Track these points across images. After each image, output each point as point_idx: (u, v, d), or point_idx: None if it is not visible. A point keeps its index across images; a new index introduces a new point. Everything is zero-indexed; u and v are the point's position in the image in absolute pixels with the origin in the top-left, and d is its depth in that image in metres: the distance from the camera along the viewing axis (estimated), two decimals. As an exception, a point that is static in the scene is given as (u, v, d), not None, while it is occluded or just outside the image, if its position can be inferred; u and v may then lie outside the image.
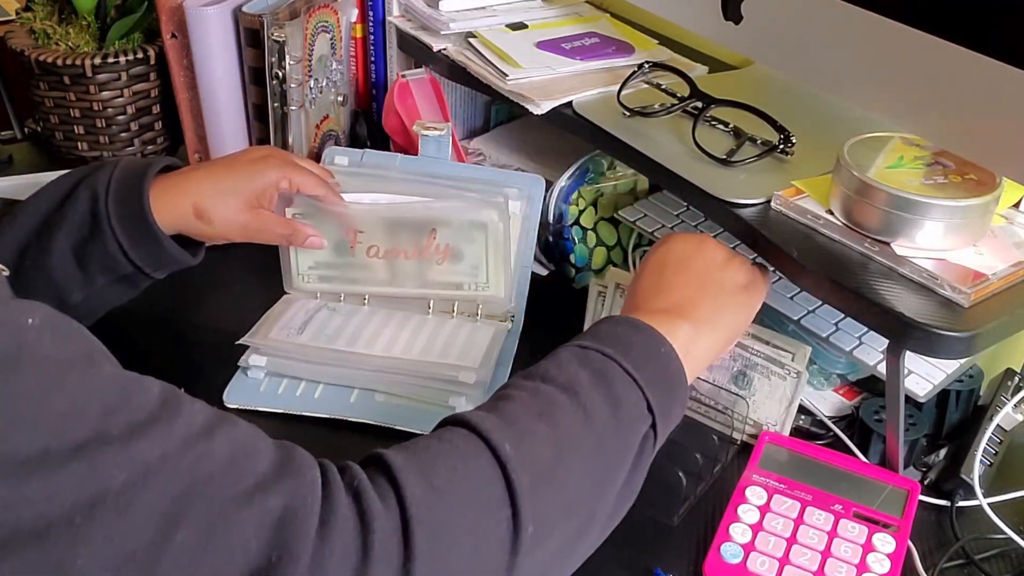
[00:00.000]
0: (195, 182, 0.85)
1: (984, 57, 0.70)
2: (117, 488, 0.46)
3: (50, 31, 1.15)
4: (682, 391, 0.69)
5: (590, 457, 0.62)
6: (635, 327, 0.70)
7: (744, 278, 0.78)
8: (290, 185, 0.89)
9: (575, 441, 0.61)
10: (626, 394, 0.65)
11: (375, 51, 1.23)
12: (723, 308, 0.76)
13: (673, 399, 0.68)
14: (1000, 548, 0.78)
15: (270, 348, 0.91)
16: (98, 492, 0.45)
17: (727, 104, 0.93)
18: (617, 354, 0.66)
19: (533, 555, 0.56)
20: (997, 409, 0.86)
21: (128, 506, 0.46)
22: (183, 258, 0.86)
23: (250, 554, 0.48)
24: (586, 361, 0.66)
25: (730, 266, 0.78)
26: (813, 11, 0.84)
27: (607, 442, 0.63)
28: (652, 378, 0.66)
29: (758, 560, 0.75)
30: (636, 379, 0.65)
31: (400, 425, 0.87)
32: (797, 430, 0.89)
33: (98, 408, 0.47)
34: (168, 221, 0.83)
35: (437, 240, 0.95)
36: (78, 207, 0.81)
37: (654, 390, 0.66)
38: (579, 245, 1.05)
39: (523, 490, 0.56)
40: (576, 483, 0.60)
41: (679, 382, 0.69)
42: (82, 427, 0.46)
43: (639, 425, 0.65)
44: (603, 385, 0.64)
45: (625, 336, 0.69)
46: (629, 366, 0.66)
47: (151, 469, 0.47)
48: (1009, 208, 0.84)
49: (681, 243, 0.79)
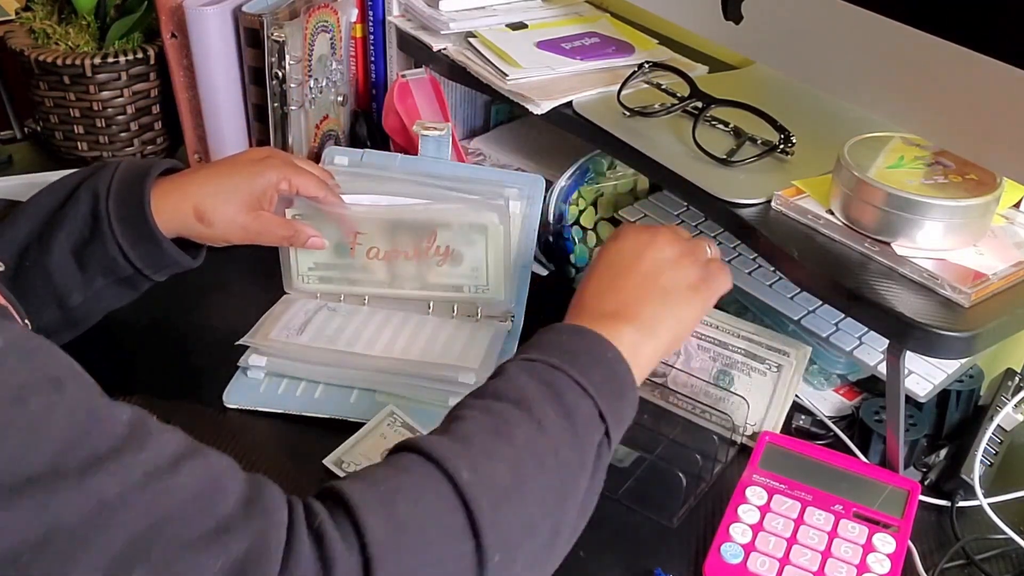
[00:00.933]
0: (195, 184, 0.85)
1: (984, 57, 0.70)
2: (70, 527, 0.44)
3: (50, 31, 1.15)
4: (632, 394, 0.69)
5: (549, 471, 0.61)
6: (579, 334, 0.69)
7: (695, 276, 0.76)
8: (290, 186, 0.89)
9: (532, 456, 0.60)
10: (577, 403, 0.64)
11: (375, 51, 1.23)
12: (667, 310, 0.74)
13: (623, 403, 0.67)
14: (1000, 548, 0.78)
15: (270, 348, 0.91)
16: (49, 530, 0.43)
17: (727, 104, 0.93)
18: (564, 363, 0.65)
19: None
20: (997, 409, 0.86)
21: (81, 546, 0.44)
22: (183, 260, 0.86)
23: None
24: (534, 373, 0.65)
25: (680, 264, 0.76)
26: (813, 11, 0.84)
27: (564, 453, 0.62)
28: (601, 384, 0.66)
29: (758, 560, 0.75)
30: (585, 387, 0.64)
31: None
32: (797, 430, 0.89)
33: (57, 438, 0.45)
34: (169, 223, 0.83)
35: (437, 242, 0.95)
36: (79, 208, 0.81)
37: (604, 396, 0.65)
38: (579, 245, 1.05)
39: (484, 518, 0.55)
40: (537, 499, 0.59)
41: (628, 386, 0.68)
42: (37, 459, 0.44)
43: (593, 433, 0.64)
44: (553, 396, 0.64)
45: (570, 344, 0.68)
46: (577, 374, 0.65)
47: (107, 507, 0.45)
48: (1009, 208, 0.84)
49: (632, 239, 0.78)
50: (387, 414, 0.86)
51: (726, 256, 0.96)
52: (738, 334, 0.86)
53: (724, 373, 0.87)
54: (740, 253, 0.97)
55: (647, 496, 0.81)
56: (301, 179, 0.89)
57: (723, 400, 0.88)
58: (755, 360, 0.85)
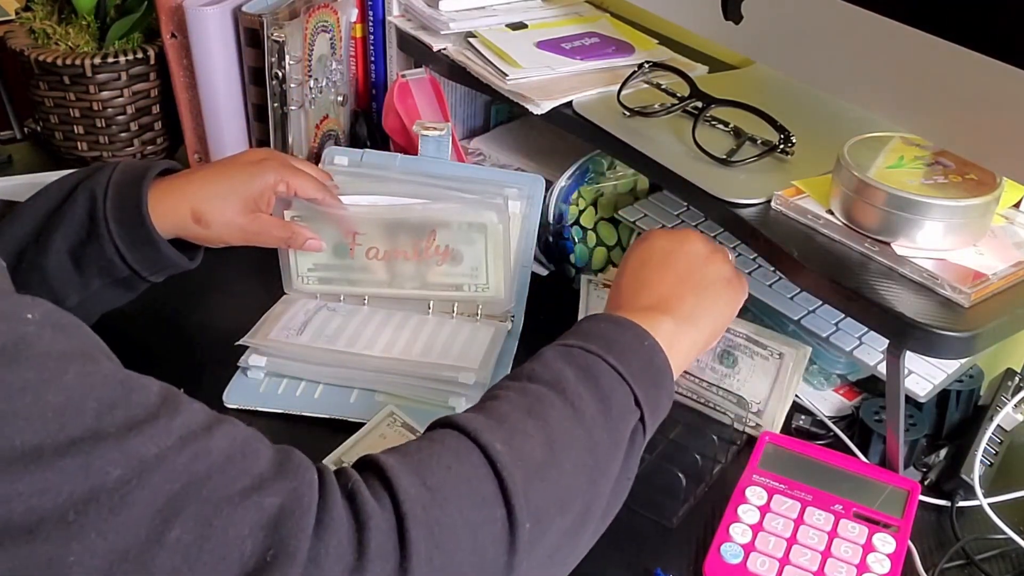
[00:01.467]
0: (193, 186, 0.85)
1: (984, 57, 0.70)
2: (112, 485, 0.46)
3: (50, 31, 1.15)
4: (668, 383, 0.69)
5: (581, 452, 0.62)
6: (617, 324, 0.70)
7: (728, 272, 0.79)
8: (288, 188, 0.89)
9: (565, 437, 0.61)
10: (613, 389, 0.65)
11: (375, 51, 1.23)
12: (706, 303, 0.76)
13: (660, 392, 0.68)
14: (1000, 548, 0.78)
15: (270, 348, 0.91)
16: (92, 489, 0.45)
17: (727, 104, 0.93)
18: (601, 350, 0.66)
19: (533, 552, 0.56)
20: (997, 409, 0.86)
21: (122, 503, 0.46)
22: (180, 262, 0.85)
23: (246, 553, 0.48)
24: (571, 359, 0.66)
25: (713, 260, 0.78)
26: (813, 11, 0.84)
27: (597, 436, 0.63)
28: (638, 372, 0.66)
29: (758, 560, 0.75)
30: (622, 373, 0.65)
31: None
32: (797, 430, 0.89)
33: (95, 404, 0.47)
34: (166, 225, 0.83)
35: (436, 241, 0.95)
36: (76, 209, 0.81)
37: (640, 384, 0.66)
38: (579, 245, 1.05)
39: (516, 488, 0.56)
40: (569, 478, 0.60)
41: (665, 375, 0.69)
42: (78, 423, 0.46)
43: (628, 418, 0.65)
44: (590, 381, 0.65)
45: (608, 332, 0.69)
46: (614, 361, 0.66)
47: (147, 467, 0.47)
48: (1009, 208, 0.84)
49: (663, 239, 0.79)
50: (387, 414, 0.86)
51: (726, 256, 0.97)
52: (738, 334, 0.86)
53: (728, 354, 0.87)
54: (740, 253, 0.97)
55: (647, 496, 0.81)
56: (299, 181, 0.89)
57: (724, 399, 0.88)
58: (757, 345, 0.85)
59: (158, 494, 0.47)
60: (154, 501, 0.46)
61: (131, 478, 0.46)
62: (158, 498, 0.46)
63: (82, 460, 0.45)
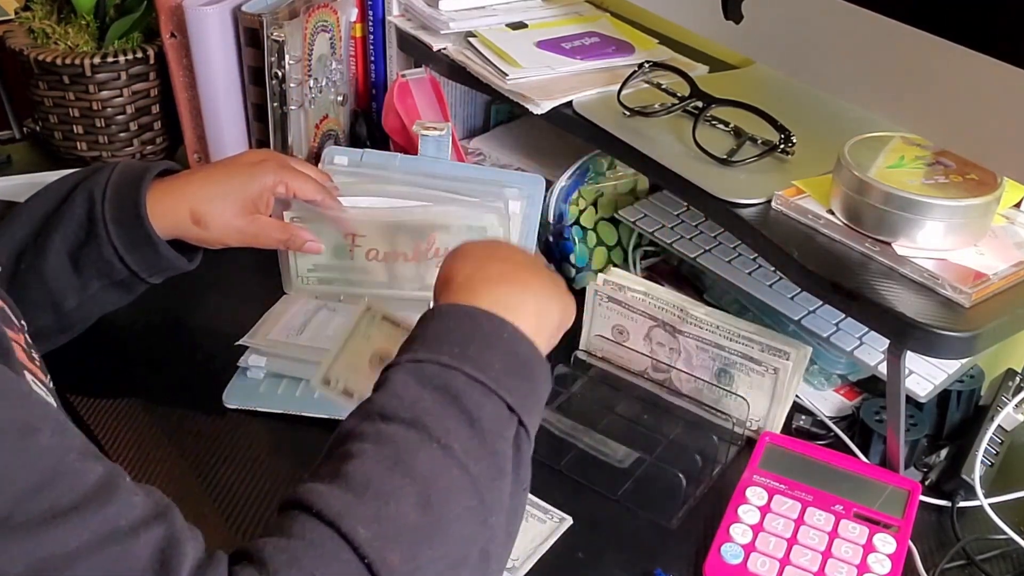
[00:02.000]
0: (192, 187, 0.85)
1: (984, 57, 0.70)
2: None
3: (49, 31, 1.15)
4: (541, 371, 0.63)
5: (463, 496, 0.55)
6: (468, 316, 0.62)
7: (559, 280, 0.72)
8: (287, 190, 0.88)
9: (441, 485, 0.54)
10: (480, 405, 0.58)
11: (375, 51, 1.22)
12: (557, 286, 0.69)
13: (535, 383, 0.62)
14: (1001, 548, 0.78)
15: (270, 348, 0.91)
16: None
17: (727, 104, 0.93)
18: (456, 360, 0.59)
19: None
20: (998, 409, 0.86)
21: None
22: (179, 263, 0.85)
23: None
24: (424, 380, 0.58)
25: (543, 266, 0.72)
26: (813, 11, 0.84)
27: (476, 470, 0.56)
28: (503, 374, 0.59)
29: (758, 561, 0.75)
30: (486, 383, 0.58)
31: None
32: (797, 430, 0.89)
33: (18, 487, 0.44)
34: (165, 226, 0.83)
35: (436, 244, 0.95)
36: (75, 211, 0.81)
37: (509, 387, 0.59)
38: (579, 245, 1.04)
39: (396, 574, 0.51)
40: (456, 531, 0.54)
41: (534, 364, 0.62)
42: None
43: (506, 431, 0.59)
44: (451, 403, 0.57)
45: (459, 331, 0.61)
46: (473, 371, 0.59)
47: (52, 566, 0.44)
48: (1010, 208, 0.84)
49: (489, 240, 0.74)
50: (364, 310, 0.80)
51: (726, 256, 0.96)
52: (738, 334, 0.86)
53: (724, 372, 0.87)
54: (740, 253, 0.97)
55: (647, 496, 0.81)
56: (298, 182, 0.89)
57: (724, 399, 0.88)
58: (753, 362, 0.85)
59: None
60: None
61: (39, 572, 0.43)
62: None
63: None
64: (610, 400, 0.91)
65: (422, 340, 0.62)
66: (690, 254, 0.97)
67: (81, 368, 0.90)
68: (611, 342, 0.93)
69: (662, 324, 0.89)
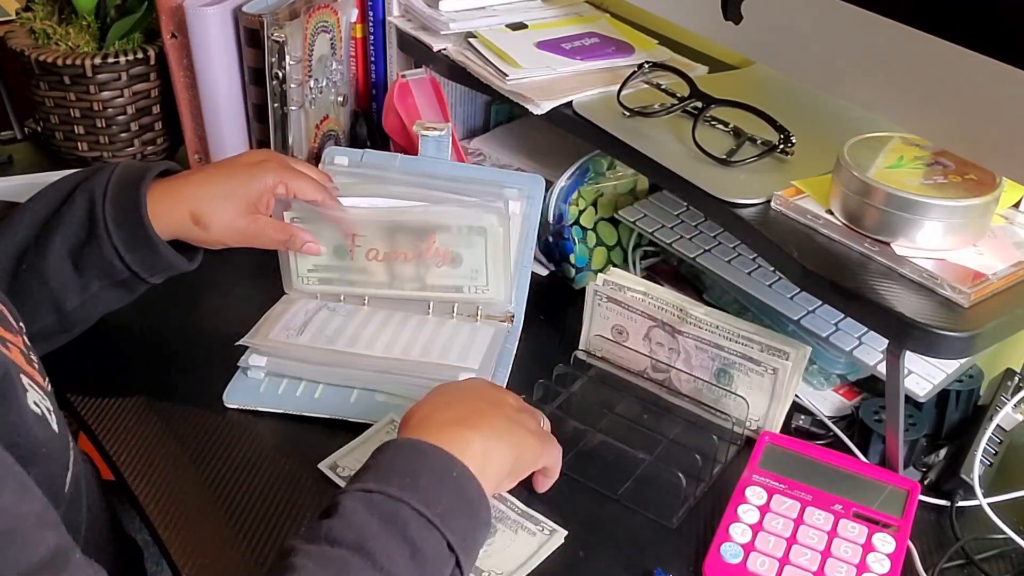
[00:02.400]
0: (192, 188, 0.85)
1: (984, 57, 0.70)
2: None
3: (50, 31, 1.15)
4: (484, 512, 0.66)
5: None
6: (421, 452, 0.65)
7: (534, 425, 0.76)
8: (287, 190, 0.88)
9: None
10: (423, 537, 0.60)
11: (375, 51, 1.23)
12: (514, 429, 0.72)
13: (476, 523, 0.65)
14: (1000, 548, 0.78)
15: (270, 348, 0.91)
16: None
17: (727, 104, 0.93)
18: (405, 493, 0.61)
19: None
20: (997, 409, 0.86)
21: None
22: (179, 264, 0.85)
23: None
24: (373, 507, 0.61)
25: (521, 411, 0.75)
26: (813, 11, 0.84)
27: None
28: (448, 512, 0.62)
29: (758, 560, 0.75)
30: (431, 519, 0.61)
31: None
32: (797, 430, 0.89)
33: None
34: (165, 226, 0.83)
35: (437, 244, 0.95)
36: (76, 211, 0.81)
37: (452, 525, 0.62)
38: (579, 245, 1.05)
39: None
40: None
41: (479, 505, 0.65)
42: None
43: (443, 567, 0.61)
44: (396, 533, 0.60)
45: (410, 466, 0.64)
46: (420, 505, 0.61)
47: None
48: (1009, 208, 0.84)
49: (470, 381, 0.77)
50: (388, 421, 0.86)
51: (726, 256, 0.96)
52: (737, 334, 0.86)
53: (724, 372, 0.87)
54: (740, 253, 0.97)
55: (647, 496, 0.81)
56: (298, 183, 0.89)
57: (723, 398, 0.88)
58: (752, 362, 0.85)
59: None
60: None
61: None
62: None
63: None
64: (610, 400, 0.91)
65: (375, 470, 0.64)
66: (690, 254, 0.97)
67: (81, 368, 0.90)
68: (611, 342, 0.94)
69: (662, 324, 0.89)
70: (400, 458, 0.65)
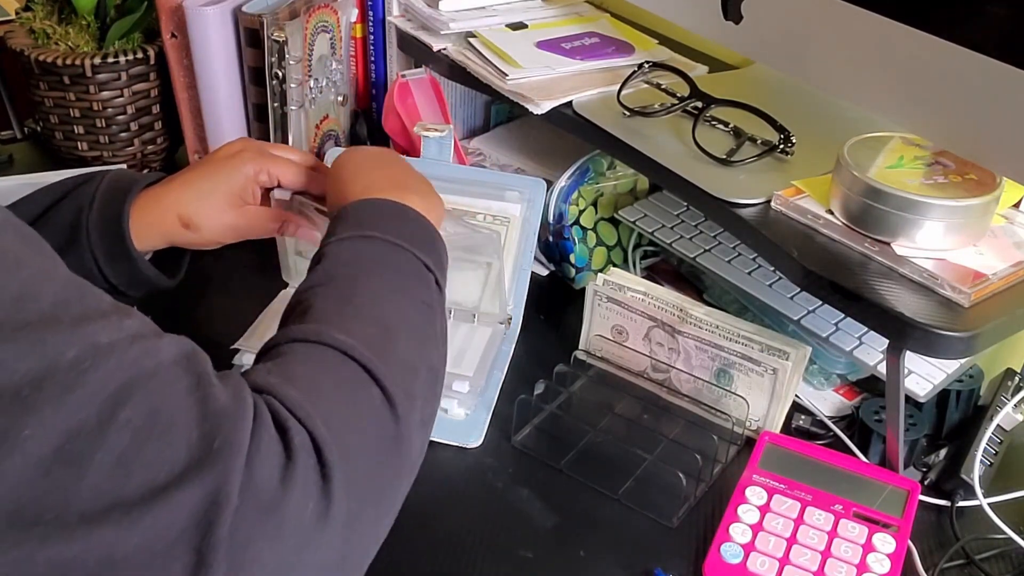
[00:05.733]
0: (175, 192, 0.83)
1: (984, 57, 0.70)
2: (66, 365, 0.46)
3: (50, 31, 1.15)
4: (442, 246, 0.73)
5: (407, 316, 0.65)
6: (373, 204, 0.72)
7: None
8: (269, 177, 0.85)
9: (388, 308, 0.64)
10: (405, 260, 0.68)
11: (375, 51, 1.23)
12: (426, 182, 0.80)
13: (439, 253, 0.72)
14: (1000, 548, 0.78)
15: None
16: (48, 367, 0.46)
17: (727, 104, 0.93)
18: (377, 231, 0.68)
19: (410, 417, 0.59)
20: (997, 409, 0.86)
21: (77, 383, 0.46)
22: (158, 280, 0.84)
23: (192, 439, 0.49)
24: (353, 248, 0.68)
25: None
26: (813, 11, 0.84)
27: (416, 293, 0.66)
28: (414, 238, 0.69)
29: (758, 560, 0.75)
30: (405, 247, 0.68)
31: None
32: (797, 430, 0.89)
33: (51, 298, 0.48)
34: (155, 236, 0.82)
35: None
36: (62, 217, 0.80)
37: (423, 249, 0.69)
38: (579, 245, 1.04)
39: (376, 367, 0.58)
40: (407, 344, 0.63)
41: (436, 236, 0.73)
42: (33, 309, 0.47)
43: (428, 282, 0.68)
44: (380, 260, 0.67)
45: (371, 214, 0.71)
46: (392, 237, 0.68)
47: (100, 352, 0.48)
48: (1009, 208, 0.84)
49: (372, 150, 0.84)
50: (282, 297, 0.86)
51: (726, 256, 0.97)
52: (737, 334, 0.86)
53: (724, 372, 0.87)
54: (740, 253, 0.97)
55: (647, 496, 0.81)
56: (279, 168, 0.86)
57: (723, 398, 0.88)
58: (752, 362, 0.85)
59: (109, 380, 0.47)
60: (106, 385, 0.47)
61: (86, 359, 0.47)
62: (109, 383, 0.47)
63: (38, 339, 0.46)
64: (610, 400, 0.91)
65: (343, 225, 0.70)
66: (690, 254, 0.97)
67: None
68: (611, 342, 0.93)
69: (661, 324, 0.89)
70: (359, 213, 0.71)
